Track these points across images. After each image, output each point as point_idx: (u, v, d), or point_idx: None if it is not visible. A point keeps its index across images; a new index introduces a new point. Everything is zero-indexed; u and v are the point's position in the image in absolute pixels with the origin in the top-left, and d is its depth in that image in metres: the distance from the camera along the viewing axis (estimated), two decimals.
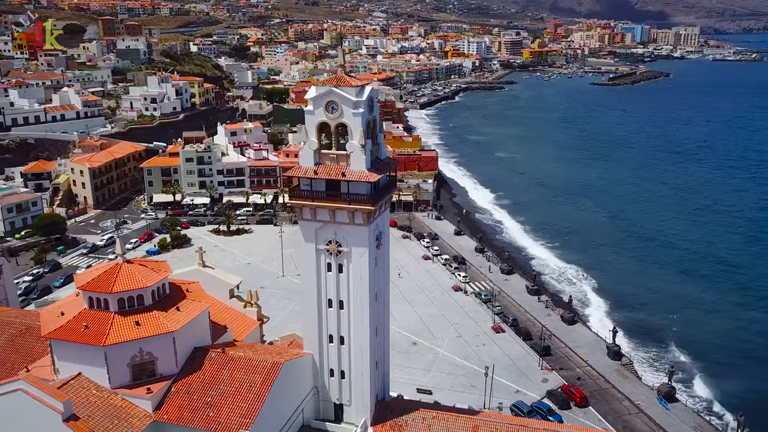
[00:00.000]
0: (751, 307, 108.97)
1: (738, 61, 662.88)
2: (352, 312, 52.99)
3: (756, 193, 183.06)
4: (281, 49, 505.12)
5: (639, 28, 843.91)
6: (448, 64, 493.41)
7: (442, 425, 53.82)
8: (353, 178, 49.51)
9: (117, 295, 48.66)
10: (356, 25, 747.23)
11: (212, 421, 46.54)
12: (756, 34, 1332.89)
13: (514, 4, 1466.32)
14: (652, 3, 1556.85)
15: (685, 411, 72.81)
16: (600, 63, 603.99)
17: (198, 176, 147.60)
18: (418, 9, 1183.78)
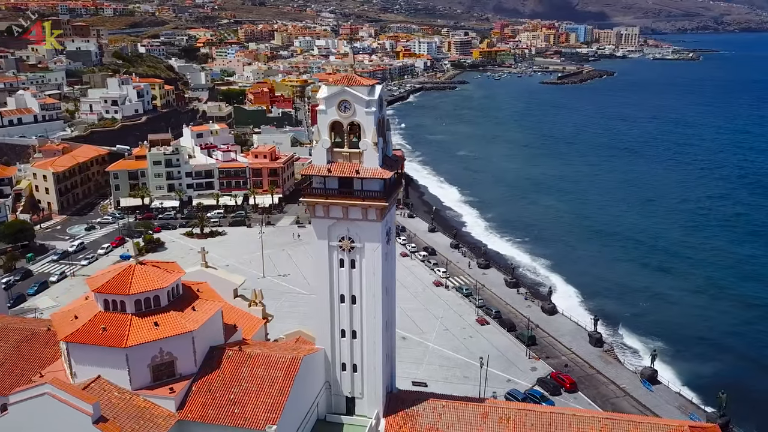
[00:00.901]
0: (707, 290, 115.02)
1: (676, 60, 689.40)
2: (365, 306, 54.21)
3: (696, 183, 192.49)
4: (232, 50, 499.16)
5: (582, 28, 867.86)
6: (401, 65, 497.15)
7: (452, 413, 55.51)
8: (367, 176, 50.75)
9: (134, 296, 48.70)
10: (306, 26, 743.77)
11: (238, 418, 47.13)
12: (690, 34, 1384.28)
13: (459, 5, 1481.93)
14: (592, 4, 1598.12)
15: (668, 392, 76.75)
16: (547, 62, 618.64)
17: (166, 179, 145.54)
18: (366, 9, 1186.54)
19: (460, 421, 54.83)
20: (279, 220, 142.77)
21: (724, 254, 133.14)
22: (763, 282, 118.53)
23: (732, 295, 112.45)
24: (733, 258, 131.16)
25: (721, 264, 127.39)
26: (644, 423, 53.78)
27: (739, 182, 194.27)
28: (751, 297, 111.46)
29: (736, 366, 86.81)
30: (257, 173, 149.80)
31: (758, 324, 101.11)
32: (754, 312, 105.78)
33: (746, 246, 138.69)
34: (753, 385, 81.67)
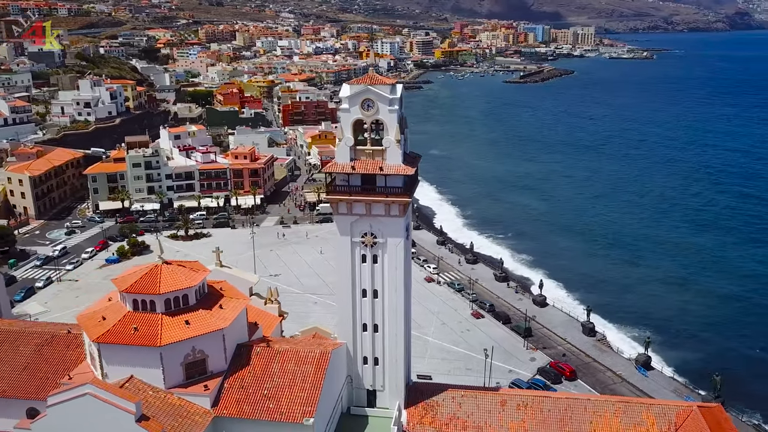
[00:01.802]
0: (683, 279, 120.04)
1: (632, 59, 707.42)
2: (387, 300, 55.45)
3: (658, 177, 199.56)
4: (194, 50, 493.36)
5: (540, 28, 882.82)
6: (365, 65, 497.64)
7: (471, 402, 57.14)
8: (391, 172, 52.00)
9: (164, 296, 48.98)
10: (267, 26, 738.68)
11: (273, 412, 47.86)
12: (642, 33, 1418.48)
13: (417, 5, 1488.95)
14: (547, 4, 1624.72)
15: (662, 377, 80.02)
16: (508, 62, 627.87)
17: (146, 181, 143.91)
18: (324, 10, 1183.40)
19: (480, 409, 56.46)
20: (262, 220, 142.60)
21: (688, 244, 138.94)
22: (734, 270, 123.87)
23: (705, 283, 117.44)
24: (695, 248, 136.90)
25: (688, 254, 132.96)
26: (654, 405, 56.32)
27: (697, 176, 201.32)
28: (726, 284, 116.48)
29: (723, 350, 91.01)
30: (238, 174, 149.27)
31: (739, 309, 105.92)
32: (734, 298, 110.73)
33: (706, 236, 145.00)
34: (739, 367, 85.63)
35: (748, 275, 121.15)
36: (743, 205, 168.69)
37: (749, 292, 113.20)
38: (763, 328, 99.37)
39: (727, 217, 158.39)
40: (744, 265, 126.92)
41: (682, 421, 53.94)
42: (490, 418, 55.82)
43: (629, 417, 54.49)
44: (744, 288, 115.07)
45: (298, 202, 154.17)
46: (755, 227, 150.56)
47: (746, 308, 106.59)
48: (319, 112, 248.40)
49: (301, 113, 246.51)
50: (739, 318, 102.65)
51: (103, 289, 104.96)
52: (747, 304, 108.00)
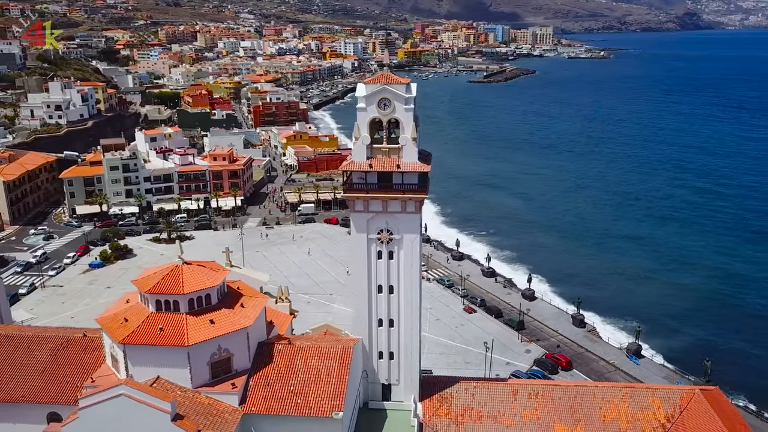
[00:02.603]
0: (654, 269, 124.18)
1: (590, 59, 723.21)
2: (403, 295, 56.55)
3: (623, 172, 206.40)
4: (155, 52, 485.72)
5: (500, 28, 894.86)
6: (330, 65, 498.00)
7: (484, 392, 58.60)
8: (408, 169, 53.15)
9: (188, 296, 49.21)
10: (229, 27, 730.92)
11: (302, 407, 48.53)
12: (597, 33, 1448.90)
13: (377, 6, 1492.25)
14: (505, 5, 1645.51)
15: (653, 364, 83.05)
16: (470, 62, 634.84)
17: (124, 185, 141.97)
18: (284, 10, 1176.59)
19: (493, 399, 57.95)
20: (244, 222, 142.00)
21: (651, 237, 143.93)
22: (704, 260, 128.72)
23: (679, 274, 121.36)
24: (657, 240, 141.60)
25: (654, 246, 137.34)
26: (659, 390, 58.71)
27: (657, 171, 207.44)
28: (700, 273, 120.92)
29: (706, 336, 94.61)
30: (217, 176, 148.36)
31: (709, 298, 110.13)
32: (705, 287, 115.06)
33: (668, 228, 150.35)
34: (722, 352, 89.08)
35: (719, 265, 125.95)
36: (699, 198, 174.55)
37: (720, 281, 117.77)
38: (739, 314, 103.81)
39: (688, 210, 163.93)
40: (712, 254, 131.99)
41: (686, 404, 56.30)
42: (503, 407, 57.32)
43: (636, 402, 56.63)
44: (716, 277, 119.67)
45: (278, 203, 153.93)
46: (715, 219, 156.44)
47: (717, 296, 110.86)
48: (290, 112, 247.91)
49: (273, 114, 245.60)
50: (715, 306, 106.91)
51: (90, 294, 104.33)
52: (716, 293, 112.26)
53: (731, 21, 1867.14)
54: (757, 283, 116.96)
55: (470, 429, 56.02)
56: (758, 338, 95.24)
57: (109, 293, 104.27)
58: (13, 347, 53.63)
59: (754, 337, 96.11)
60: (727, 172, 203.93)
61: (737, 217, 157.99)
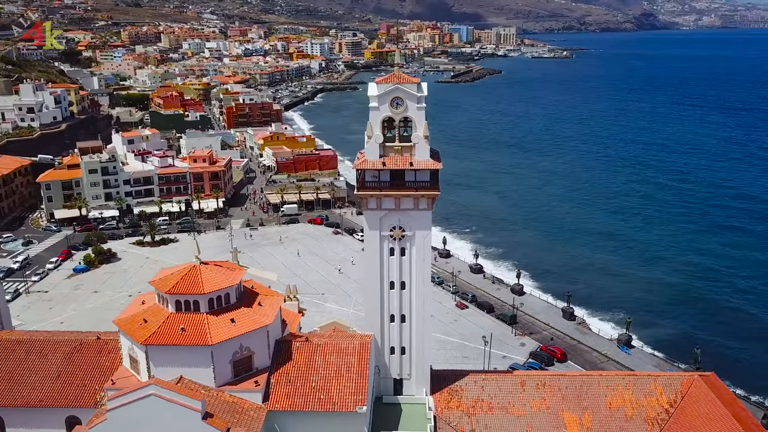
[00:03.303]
0: (639, 262, 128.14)
1: (553, 58, 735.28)
2: (415, 291, 57.55)
3: (594, 168, 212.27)
4: (118, 53, 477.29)
5: (464, 28, 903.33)
6: (297, 66, 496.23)
7: (493, 384, 59.98)
8: (421, 167, 54.21)
9: (208, 295, 49.43)
10: (193, 28, 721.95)
11: (326, 403, 49.15)
12: (557, 33, 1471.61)
13: (340, 6, 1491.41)
14: (467, 5, 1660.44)
15: (643, 353, 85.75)
16: (437, 62, 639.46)
17: (103, 188, 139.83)
18: (246, 11, 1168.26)
19: (502, 391, 59.34)
20: (227, 224, 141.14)
21: (625, 230, 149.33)
22: (669, 254, 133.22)
23: (648, 268, 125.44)
24: (625, 234, 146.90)
25: (626, 240, 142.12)
26: (660, 377, 60.93)
27: (625, 167, 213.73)
28: (671, 265, 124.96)
29: (690, 326, 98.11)
30: (198, 178, 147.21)
31: (696, 287, 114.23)
32: (689, 277, 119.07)
33: (631, 222, 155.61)
34: (706, 338, 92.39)
35: (692, 257, 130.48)
36: (661, 192, 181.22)
37: (695, 272, 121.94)
38: (716, 303, 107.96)
39: (653, 204, 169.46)
40: (682, 247, 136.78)
41: (687, 389, 58.54)
42: (512, 398, 58.74)
43: (639, 389, 58.63)
44: (691, 268, 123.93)
45: (261, 204, 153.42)
46: (675, 212, 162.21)
47: (695, 287, 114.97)
48: (264, 113, 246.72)
49: (246, 115, 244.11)
50: (694, 296, 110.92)
51: (77, 299, 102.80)
52: (694, 284, 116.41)
53: (686, 21, 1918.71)
54: (733, 273, 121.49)
55: (482, 420, 57.28)
56: (741, 325, 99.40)
57: (96, 298, 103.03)
58: (25, 352, 53.05)
59: (736, 323, 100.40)
60: (689, 168, 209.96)
61: (699, 210, 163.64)
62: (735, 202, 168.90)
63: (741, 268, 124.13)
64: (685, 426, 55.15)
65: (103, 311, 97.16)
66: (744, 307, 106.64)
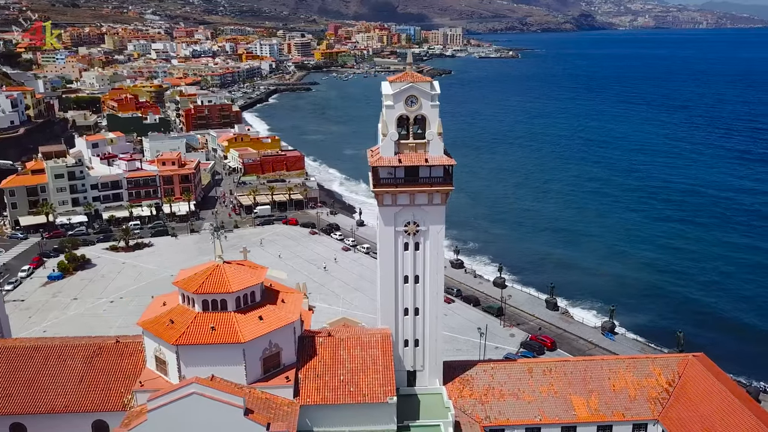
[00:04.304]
0: (612, 253, 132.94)
1: (500, 58, 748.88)
2: (428, 284, 59.03)
3: (552, 164, 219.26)
4: (61, 55, 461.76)
5: (412, 29, 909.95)
6: (248, 67, 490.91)
7: (502, 372, 62.14)
8: (435, 163, 55.75)
9: (235, 294, 49.90)
10: (138, 29, 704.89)
11: (356, 395, 50.27)
12: (500, 33, 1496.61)
13: (284, 7, 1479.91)
14: (412, 6, 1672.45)
15: (627, 339, 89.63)
16: (387, 62, 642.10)
17: (70, 193, 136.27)
18: (189, 11, 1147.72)
19: (511, 378, 61.56)
20: (200, 227, 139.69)
21: (579, 222, 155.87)
22: (641, 240, 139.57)
23: (630, 255, 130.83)
24: (579, 226, 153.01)
25: (581, 234, 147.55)
26: (658, 359, 64.33)
27: (580, 162, 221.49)
28: (641, 256, 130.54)
29: (665, 311, 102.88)
30: (168, 181, 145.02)
31: (658, 275, 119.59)
32: (660, 265, 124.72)
33: (585, 215, 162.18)
34: (681, 323, 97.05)
35: (662, 244, 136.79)
36: (609, 185, 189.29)
37: (667, 260, 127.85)
38: (696, 287, 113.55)
39: (602, 198, 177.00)
40: (640, 238, 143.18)
41: (683, 369, 61.98)
42: (522, 385, 61.01)
43: (639, 371, 61.80)
44: (662, 257, 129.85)
45: (233, 206, 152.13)
46: (626, 203, 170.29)
47: (666, 276, 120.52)
48: (223, 115, 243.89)
49: (205, 117, 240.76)
50: (669, 282, 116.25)
51: (57, 306, 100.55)
52: (665, 273, 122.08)
53: (622, 22, 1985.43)
54: (703, 260, 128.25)
55: (495, 407, 59.28)
56: (715, 308, 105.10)
57: (77, 305, 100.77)
58: (43, 358, 52.21)
59: (713, 304, 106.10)
60: (644, 166, 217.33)
61: (651, 202, 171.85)
62: (687, 196, 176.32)
63: (708, 255, 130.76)
64: (686, 403, 58.44)
65: (88, 318, 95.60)
66: (715, 292, 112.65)
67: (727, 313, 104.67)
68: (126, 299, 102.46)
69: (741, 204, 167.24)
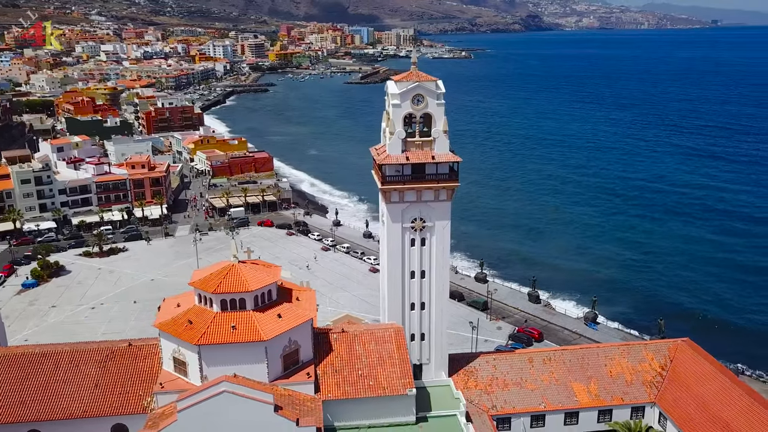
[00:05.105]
0: (582, 244, 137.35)
1: (453, 59, 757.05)
2: (435, 279, 60.43)
3: (518, 161, 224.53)
4: (5, 57, 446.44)
5: (365, 30, 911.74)
6: (202, 68, 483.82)
7: (504, 363, 64.10)
8: (442, 160, 57.11)
9: (254, 293, 50.31)
10: (86, 30, 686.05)
11: (375, 389, 51.26)
12: (451, 34, 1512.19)
13: (233, 8, 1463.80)
14: (363, 7, 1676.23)
15: (609, 329, 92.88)
16: (342, 63, 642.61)
17: (38, 198, 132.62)
18: (134, 12, 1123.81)
19: (513, 368, 63.54)
20: (175, 230, 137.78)
21: (557, 212, 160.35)
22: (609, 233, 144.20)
23: (596, 249, 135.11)
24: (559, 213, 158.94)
25: (565, 225, 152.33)
26: (650, 344, 67.33)
27: (544, 159, 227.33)
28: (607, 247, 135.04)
29: (641, 301, 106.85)
30: (139, 184, 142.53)
31: (629, 265, 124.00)
32: (630, 256, 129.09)
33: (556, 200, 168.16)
34: (659, 311, 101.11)
35: (633, 236, 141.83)
36: (568, 183, 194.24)
37: (635, 252, 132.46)
38: (663, 275, 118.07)
39: (563, 193, 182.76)
40: (621, 228, 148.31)
41: (674, 354, 65.02)
42: (524, 374, 63.03)
43: (633, 357, 64.60)
44: (630, 248, 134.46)
45: (205, 209, 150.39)
46: (592, 200, 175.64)
47: (635, 265, 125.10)
48: (185, 117, 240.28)
49: (167, 119, 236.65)
50: (637, 273, 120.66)
51: (35, 314, 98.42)
52: (635, 262, 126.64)
53: (568, 23, 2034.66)
54: (664, 249, 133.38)
55: (500, 397, 61.09)
56: (692, 294, 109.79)
57: (56, 312, 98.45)
58: (53, 364, 51.47)
59: (689, 291, 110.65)
60: (601, 163, 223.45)
61: (611, 197, 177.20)
62: (645, 192, 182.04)
63: (671, 247, 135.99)
64: (679, 385, 61.39)
65: (69, 325, 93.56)
66: (683, 282, 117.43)
67: (696, 299, 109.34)
68: (107, 305, 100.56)
69: (695, 198, 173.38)
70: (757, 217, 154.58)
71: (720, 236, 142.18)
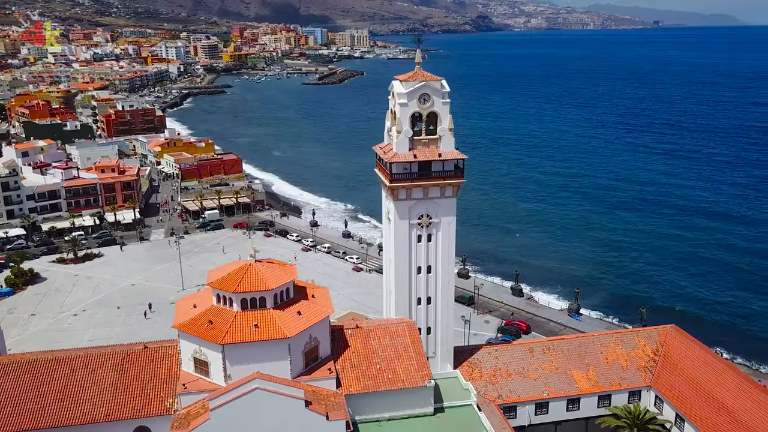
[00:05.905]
0: (562, 238, 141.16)
1: (407, 59, 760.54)
2: (441, 273, 61.93)
3: (496, 160, 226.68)
4: None
5: (319, 31, 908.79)
6: (156, 70, 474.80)
7: (506, 354, 66.11)
8: (448, 158, 58.62)
9: (274, 291, 50.87)
10: (30, 32, 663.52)
11: (396, 382, 52.42)
12: (403, 35, 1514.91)
13: (181, 8, 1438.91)
14: (314, 7, 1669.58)
15: (592, 319, 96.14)
16: (298, 64, 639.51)
17: (5, 204, 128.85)
18: (79, 12, 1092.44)
19: (514, 358, 65.57)
20: (149, 234, 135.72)
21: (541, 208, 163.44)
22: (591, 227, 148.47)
23: (571, 243, 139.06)
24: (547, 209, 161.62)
25: (537, 222, 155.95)
26: (642, 331, 70.24)
27: (504, 158, 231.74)
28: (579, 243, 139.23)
29: (617, 293, 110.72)
30: (110, 189, 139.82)
31: (609, 256, 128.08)
32: (605, 249, 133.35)
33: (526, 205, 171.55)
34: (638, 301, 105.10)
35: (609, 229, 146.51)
36: (542, 182, 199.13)
37: (607, 244, 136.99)
38: (640, 268, 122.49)
39: (538, 191, 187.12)
40: (596, 223, 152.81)
41: (665, 339, 68.13)
42: (525, 363, 65.12)
43: (627, 344, 67.45)
44: (610, 243, 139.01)
45: (179, 212, 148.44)
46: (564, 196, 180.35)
47: (613, 257, 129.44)
48: (147, 120, 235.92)
49: (128, 122, 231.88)
50: (616, 263, 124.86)
51: (16, 323, 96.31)
52: (612, 254, 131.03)
53: (516, 23, 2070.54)
54: (636, 243, 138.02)
55: (505, 386, 63.01)
56: (669, 283, 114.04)
57: (37, 320, 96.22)
58: (69, 369, 50.91)
59: (666, 281, 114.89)
60: (561, 161, 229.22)
61: (583, 194, 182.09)
62: (605, 190, 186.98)
63: (642, 241, 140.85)
64: (672, 369, 64.46)
65: (53, 333, 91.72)
66: (657, 272, 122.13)
67: (665, 291, 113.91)
68: (89, 311, 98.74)
69: (651, 194, 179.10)
70: (711, 211, 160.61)
71: (680, 230, 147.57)
